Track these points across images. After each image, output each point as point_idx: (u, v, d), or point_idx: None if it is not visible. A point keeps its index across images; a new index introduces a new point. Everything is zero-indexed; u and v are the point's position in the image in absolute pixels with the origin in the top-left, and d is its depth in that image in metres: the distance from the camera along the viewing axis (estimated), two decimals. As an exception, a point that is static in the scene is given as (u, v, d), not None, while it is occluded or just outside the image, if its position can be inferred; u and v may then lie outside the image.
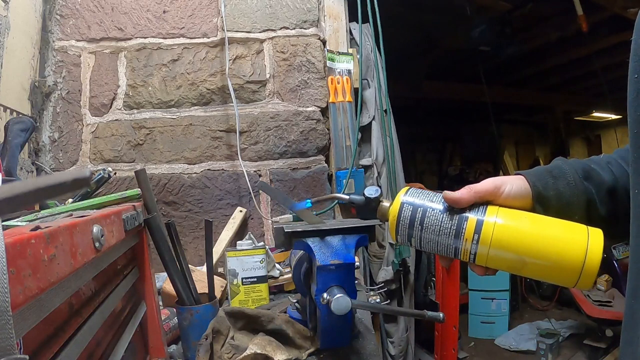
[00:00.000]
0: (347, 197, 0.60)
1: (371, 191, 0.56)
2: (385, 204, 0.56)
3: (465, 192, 0.51)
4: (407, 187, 0.55)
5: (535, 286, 3.69)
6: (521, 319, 3.37)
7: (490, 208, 0.51)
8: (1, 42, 1.23)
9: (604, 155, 0.58)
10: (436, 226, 0.51)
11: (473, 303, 3.18)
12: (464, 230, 0.50)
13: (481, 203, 0.52)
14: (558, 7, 2.77)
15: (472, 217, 0.50)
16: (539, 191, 0.52)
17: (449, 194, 0.51)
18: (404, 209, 0.53)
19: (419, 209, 0.52)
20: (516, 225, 0.49)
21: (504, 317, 3.15)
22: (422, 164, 5.87)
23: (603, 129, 6.97)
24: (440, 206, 0.52)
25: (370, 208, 0.56)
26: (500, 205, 0.51)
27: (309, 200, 0.68)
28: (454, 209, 0.51)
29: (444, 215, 0.51)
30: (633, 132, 0.42)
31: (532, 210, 0.52)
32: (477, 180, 0.55)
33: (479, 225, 0.49)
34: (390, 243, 1.55)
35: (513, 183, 0.52)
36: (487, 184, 0.52)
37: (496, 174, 5.31)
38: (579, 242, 0.47)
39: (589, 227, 0.48)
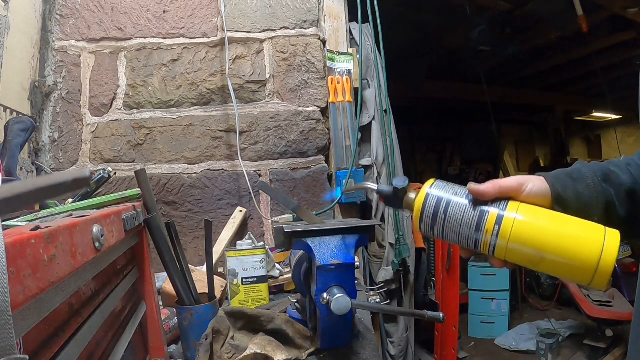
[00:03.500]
0: (375, 186, 0.60)
1: (399, 182, 0.57)
2: (412, 195, 0.57)
3: (490, 186, 0.52)
4: (434, 180, 0.56)
5: (535, 286, 3.69)
6: (521, 319, 3.36)
7: (511, 203, 0.52)
8: (1, 42, 1.23)
9: (624, 157, 0.58)
10: (459, 217, 0.52)
11: (473, 303, 3.17)
12: (485, 223, 0.51)
13: (503, 198, 0.53)
14: (558, 7, 2.77)
15: (493, 210, 0.52)
16: (557, 192, 0.53)
17: (474, 186, 0.52)
18: (429, 199, 0.54)
19: (444, 200, 0.54)
20: (536, 221, 0.50)
21: (504, 317, 3.15)
22: (422, 164, 5.87)
23: (603, 129, 6.97)
24: (464, 199, 0.53)
25: (398, 198, 0.57)
26: (522, 202, 0.53)
27: (339, 189, 0.68)
28: (477, 202, 0.53)
29: (467, 208, 0.52)
30: None
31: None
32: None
33: (499, 218, 0.51)
34: (390, 243, 1.55)
35: (535, 182, 0.54)
36: (511, 181, 0.53)
37: (496, 174, 5.33)
38: (595, 241, 0.48)
39: (607, 228, 0.49)
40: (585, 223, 0.50)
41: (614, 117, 6.09)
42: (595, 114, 6.13)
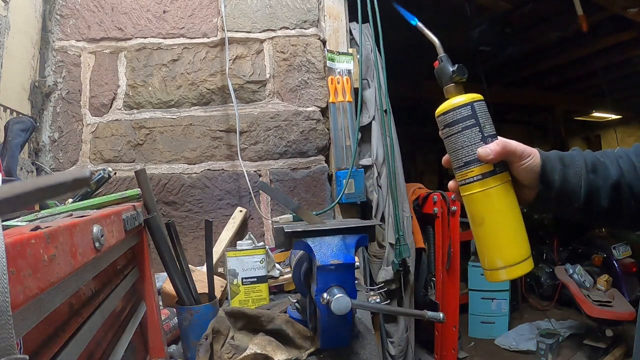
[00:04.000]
0: (441, 52, 0.61)
1: (461, 71, 0.58)
2: (457, 89, 0.58)
3: (498, 150, 0.54)
4: (481, 97, 0.58)
5: (535, 286, 3.69)
6: (521, 319, 3.36)
7: (505, 173, 0.56)
8: (1, 42, 1.23)
9: (619, 149, 0.60)
10: (466, 142, 0.56)
11: (473, 303, 3.17)
12: (476, 165, 0.56)
13: (505, 160, 0.56)
14: (558, 7, 2.77)
15: (490, 165, 0.56)
16: (545, 172, 0.56)
17: (481, 151, 0.55)
18: (465, 108, 0.56)
19: (472, 119, 0.56)
20: (504, 202, 0.56)
21: (504, 317, 3.15)
22: (422, 164, 5.87)
23: (603, 128, 6.97)
24: (482, 134, 0.56)
25: (447, 78, 0.59)
26: (516, 170, 0.57)
27: (416, 19, 0.67)
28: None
29: (478, 143, 0.56)
30: None
31: (535, 187, 0.57)
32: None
33: (488, 174, 0.55)
34: (390, 243, 1.55)
35: (534, 159, 0.56)
36: (518, 149, 0.55)
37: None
38: (516, 256, 0.55)
39: (530, 258, 0.56)
40: (525, 239, 0.56)
41: (613, 117, 6.10)
42: (595, 114, 6.13)
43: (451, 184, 0.60)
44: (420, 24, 0.65)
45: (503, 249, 0.55)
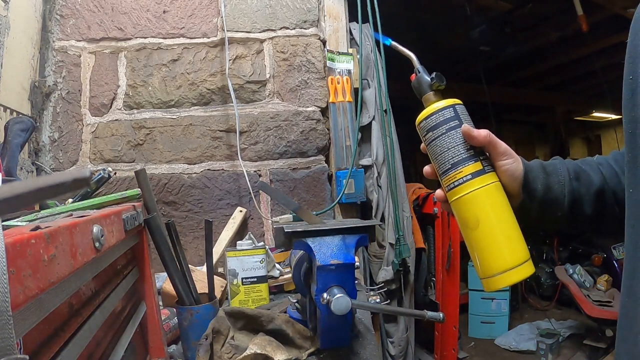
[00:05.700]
0: (417, 65, 0.60)
1: (439, 79, 0.58)
2: (435, 96, 0.58)
3: (483, 135, 0.53)
4: (460, 101, 0.57)
5: (535, 286, 3.69)
6: (521, 319, 3.36)
7: (494, 173, 0.55)
8: (1, 42, 1.23)
9: (598, 157, 0.60)
10: (452, 143, 0.54)
11: (473, 303, 3.17)
12: (465, 165, 0.54)
13: (491, 162, 0.55)
14: (558, 7, 2.77)
15: (479, 164, 0.54)
16: (528, 181, 0.55)
17: (466, 129, 0.53)
18: (446, 111, 0.55)
19: (455, 121, 0.55)
20: (497, 202, 0.53)
21: (504, 317, 3.15)
22: (422, 164, 5.86)
23: (603, 129, 6.98)
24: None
25: (425, 88, 0.58)
26: (498, 172, 0.55)
27: (390, 39, 0.67)
28: (472, 147, 0.54)
29: (464, 144, 0.54)
30: (628, 133, 0.43)
31: (518, 196, 0.55)
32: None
33: (478, 173, 0.53)
34: (390, 243, 1.55)
35: (517, 163, 0.55)
36: (501, 147, 0.54)
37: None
38: (514, 260, 0.51)
39: (530, 261, 0.52)
40: (523, 242, 0.52)
41: (614, 117, 6.09)
42: (595, 114, 6.13)
43: (438, 192, 0.58)
44: (394, 43, 0.65)
45: (503, 250, 0.51)
